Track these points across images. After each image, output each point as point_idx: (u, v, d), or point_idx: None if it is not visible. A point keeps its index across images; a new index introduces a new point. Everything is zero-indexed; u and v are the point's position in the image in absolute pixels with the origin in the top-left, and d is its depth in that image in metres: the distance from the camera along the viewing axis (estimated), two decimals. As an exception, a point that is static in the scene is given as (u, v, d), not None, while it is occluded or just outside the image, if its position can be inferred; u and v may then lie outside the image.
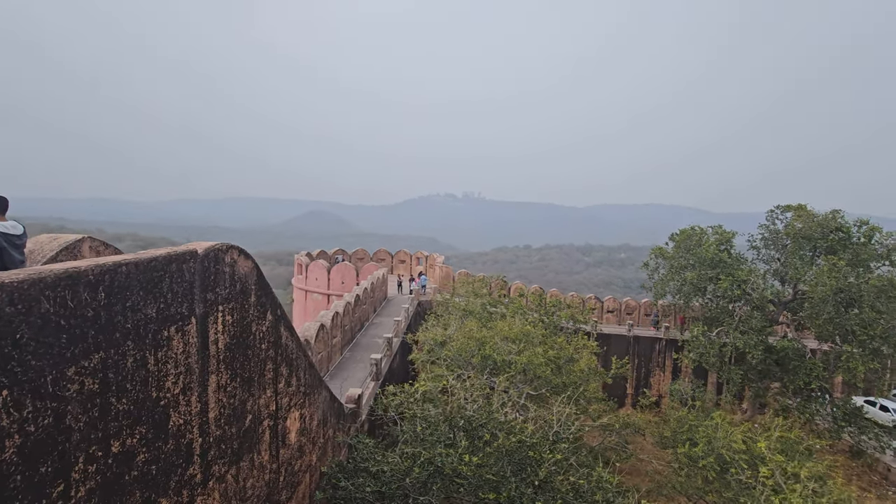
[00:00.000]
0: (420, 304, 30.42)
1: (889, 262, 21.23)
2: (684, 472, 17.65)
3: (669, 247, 27.29)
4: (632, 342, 32.76)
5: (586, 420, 12.93)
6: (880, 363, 21.01)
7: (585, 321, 24.12)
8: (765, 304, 23.54)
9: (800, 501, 7.50)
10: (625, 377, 32.73)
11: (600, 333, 32.57)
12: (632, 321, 34.85)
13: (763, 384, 24.52)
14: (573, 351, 15.73)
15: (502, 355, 13.03)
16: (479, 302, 21.89)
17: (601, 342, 32.42)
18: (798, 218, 23.48)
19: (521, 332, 14.29)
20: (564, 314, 22.28)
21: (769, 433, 17.49)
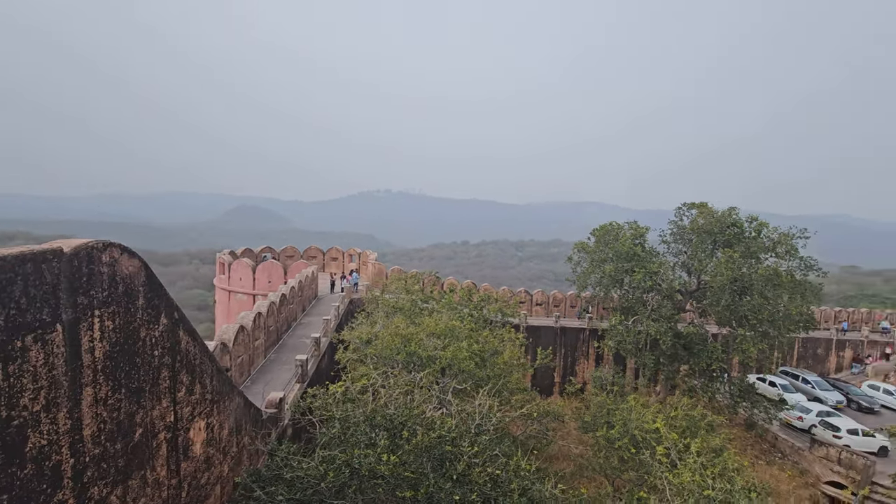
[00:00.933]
0: (352, 303, 29.84)
1: (774, 253, 23.87)
2: (603, 453, 18.78)
3: (591, 242, 28.77)
4: (558, 333, 34.26)
5: (508, 411, 13.31)
6: (768, 344, 23.60)
7: (513, 314, 24.84)
8: (673, 294, 25.55)
9: (689, 474, 8.21)
10: (552, 367, 34.20)
11: (529, 325, 33.80)
12: (559, 313, 36.48)
13: (673, 367, 26.64)
14: (498, 344, 16.14)
15: (427, 351, 13.07)
16: (409, 298, 21.83)
17: (530, 334, 33.67)
18: (701, 215, 25.75)
19: (447, 328, 14.42)
20: (493, 308, 22.80)
21: (676, 412, 19.06)
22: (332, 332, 22.29)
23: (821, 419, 25.74)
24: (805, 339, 33.91)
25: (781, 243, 23.73)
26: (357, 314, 22.77)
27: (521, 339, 20.94)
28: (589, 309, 35.76)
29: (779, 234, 24.22)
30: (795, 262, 23.73)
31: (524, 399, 15.44)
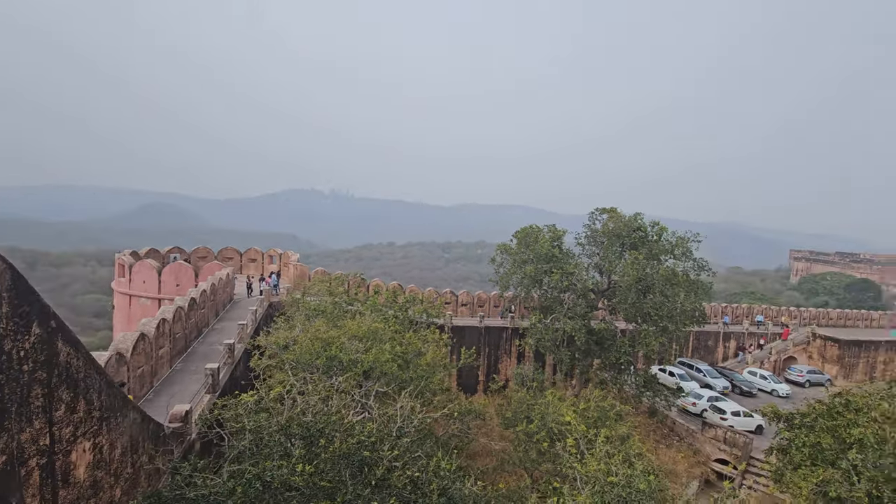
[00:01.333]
0: (271, 306, 28.42)
1: (673, 255, 26.36)
2: (522, 447, 19.52)
3: (513, 243, 29.84)
4: (483, 332, 35.10)
5: (431, 411, 13.40)
6: (668, 338, 25.94)
7: (438, 315, 25.07)
8: (587, 293, 27.24)
9: (595, 463, 8.82)
10: (477, 365, 34.98)
11: (455, 326, 34.30)
12: (483, 313, 37.40)
13: (587, 362, 28.39)
14: (421, 345, 16.19)
15: (349, 355, 12.78)
16: (333, 301, 21.24)
17: (455, 334, 34.16)
18: (611, 219, 27.74)
19: (370, 330, 14.21)
20: (418, 309, 22.86)
21: (589, 404, 20.31)
22: (248, 338, 21.08)
23: (710, 404, 28.74)
24: (698, 332, 37.74)
25: (679, 246, 26.25)
26: (276, 318, 21.74)
27: (445, 340, 21.18)
28: (512, 308, 37.05)
29: (676, 237, 26.77)
30: (690, 263, 26.35)
31: (446, 399, 15.62)
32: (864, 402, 12.05)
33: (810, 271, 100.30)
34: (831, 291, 77.51)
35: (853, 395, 12.53)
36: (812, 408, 12.83)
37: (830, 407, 12.37)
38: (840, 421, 11.75)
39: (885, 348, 38.44)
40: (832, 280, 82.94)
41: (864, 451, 10.71)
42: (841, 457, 11.27)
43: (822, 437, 11.65)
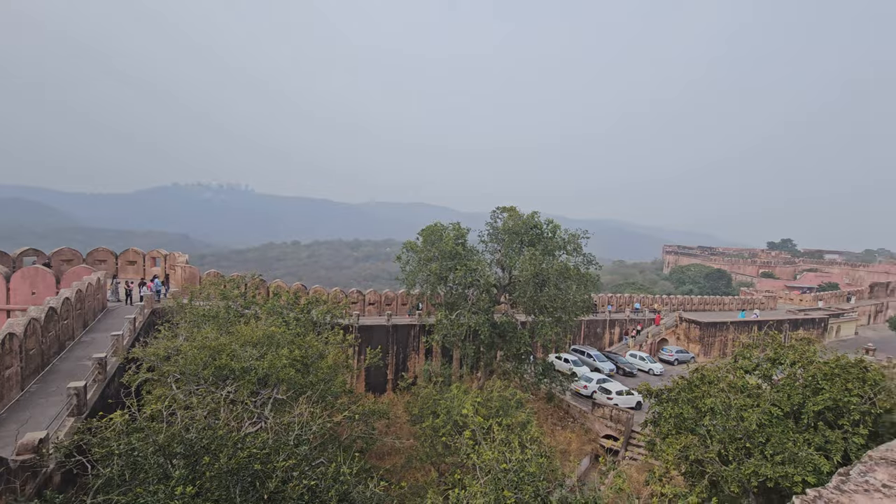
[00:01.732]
0: (154, 314, 25.62)
1: (565, 251, 28.50)
2: (429, 442, 19.82)
3: (419, 241, 30.11)
4: (391, 331, 34.99)
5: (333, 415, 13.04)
6: (562, 328, 27.98)
7: (343, 315, 24.48)
8: (490, 288, 28.40)
9: (489, 453, 9.27)
10: (386, 364, 34.78)
11: (362, 326, 33.78)
12: (391, 311, 37.28)
13: (491, 354, 29.63)
14: (323, 347, 15.69)
15: (241, 363, 11.95)
16: (226, 305, 19.73)
17: (363, 334, 33.66)
18: (510, 218, 29.22)
19: (266, 335, 13.41)
20: (321, 310, 22.10)
21: (492, 394, 21.20)
22: (124, 351, 18.78)
23: (599, 386, 31.58)
24: (588, 321, 41.27)
25: (570, 242, 28.43)
26: (160, 327, 19.66)
27: (350, 341, 20.75)
28: (419, 306, 37.37)
29: (568, 234, 28.96)
30: (580, 258, 28.67)
31: (350, 401, 15.31)
32: (715, 375, 14.11)
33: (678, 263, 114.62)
34: (695, 280, 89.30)
35: (707, 369, 14.61)
36: (676, 383, 14.71)
37: (690, 381, 14.29)
38: (697, 393, 13.62)
39: (733, 328, 45.22)
40: (695, 270, 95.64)
41: (716, 417, 12.52)
42: (699, 424, 13.04)
43: (684, 409, 13.42)
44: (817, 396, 11.60)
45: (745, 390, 13.09)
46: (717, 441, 12.09)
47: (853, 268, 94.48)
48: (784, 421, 11.73)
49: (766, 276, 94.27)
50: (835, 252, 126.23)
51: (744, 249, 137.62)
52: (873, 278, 73.96)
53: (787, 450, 10.62)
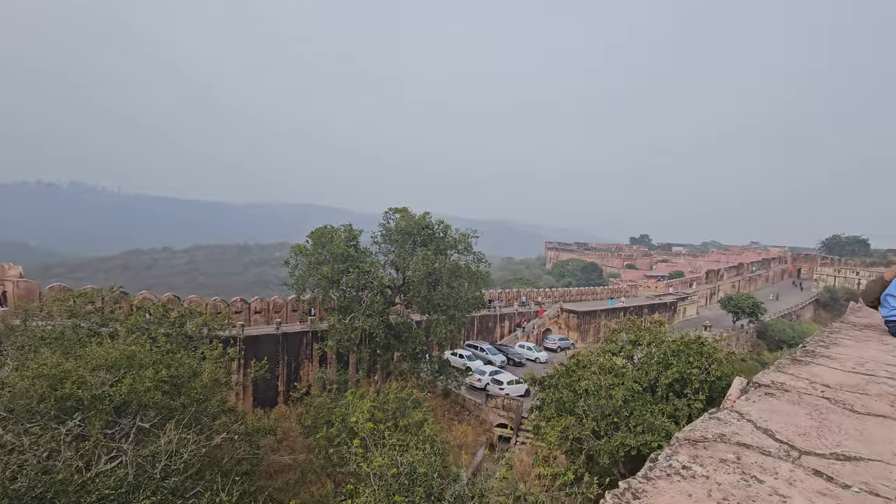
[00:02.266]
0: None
1: (457, 250, 29.40)
2: (323, 454, 19.05)
3: (308, 244, 28.83)
4: (281, 340, 33.02)
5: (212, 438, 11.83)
6: (455, 325, 28.80)
7: (224, 327, 22.47)
8: (384, 290, 28.19)
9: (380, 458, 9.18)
10: (277, 375, 32.72)
11: (247, 336, 31.39)
12: (280, 318, 35.17)
13: (387, 356, 29.42)
14: (197, 364, 14.18)
15: (93, 390, 10.27)
16: (73, 324, 16.90)
17: (249, 345, 31.27)
18: (402, 218, 29.31)
19: (124, 356, 11.71)
20: (196, 323, 20.02)
21: (387, 397, 21.04)
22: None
23: (491, 378, 33.11)
24: (481, 317, 43.11)
25: (461, 241, 29.38)
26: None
27: (232, 354, 19.12)
28: (311, 311, 35.78)
29: (459, 233, 29.90)
30: (471, 256, 29.77)
31: (231, 420, 14.07)
32: (588, 359, 15.64)
33: (559, 258, 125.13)
34: (573, 273, 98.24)
35: (582, 355, 16.14)
36: (556, 370, 16.01)
37: (568, 367, 15.65)
38: (574, 377, 14.96)
39: (604, 315, 50.59)
40: (573, 264, 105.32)
41: (589, 397, 13.87)
42: (576, 405, 14.32)
43: (563, 393, 14.65)
44: (668, 371, 13.46)
45: (613, 371, 14.70)
46: (592, 419, 13.40)
47: (694, 258, 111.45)
48: (643, 395, 13.41)
49: (629, 268, 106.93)
50: (680, 245, 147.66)
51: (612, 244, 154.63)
52: (708, 266, 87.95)
53: (646, 420, 12.16)
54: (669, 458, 1.20)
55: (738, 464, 1.15)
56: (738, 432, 1.33)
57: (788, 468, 1.09)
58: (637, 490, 1.08)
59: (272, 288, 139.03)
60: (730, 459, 1.17)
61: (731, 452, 1.21)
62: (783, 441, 1.26)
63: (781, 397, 1.62)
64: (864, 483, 1.02)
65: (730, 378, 13.77)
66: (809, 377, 1.88)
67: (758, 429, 1.35)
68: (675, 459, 1.18)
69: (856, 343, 2.78)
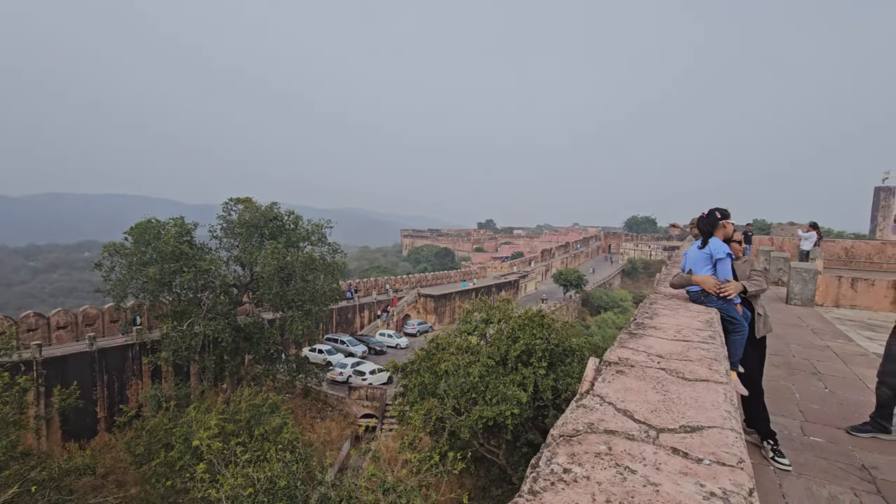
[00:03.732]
0: None
1: (310, 242, 27.89)
2: (162, 482, 16.59)
3: (128, 242, 24.45)
4: (97, 357, 27.73)
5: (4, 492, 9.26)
6: (312, 320, 27.44)
7: (8, 350, 17.85)
8: (229, 289, 25.45)
9: (232, 479, 8.27)
10: (94, 400, 27.47)
11: (50, 358, 25.72)
12: (94, 332, 29.37)
13: (237, 361, 26.74)
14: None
15: None
16: None
17: (52, 369, 25.63)
18: (246, 209, 26.66)
19: None
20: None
21: (238, 406, 19.18)
22: None
23: (353, 369, 32.59)
24: (339, 308, 41.95)
25: (314, 233, 27.95)
26: None
27: (23, 383, 15.27)
28: (137, 321, 30.64)
29: (312, 224, 28.40)
30: (326, 247, 28.55)
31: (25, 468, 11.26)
32: (446, 341, 16.35)
33: (414, 245, 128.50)
34: (428, 259, 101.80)
35: (440, 337, 16.79)
36: (417, 355, 16.39)
37: (428, 351, 16.14)
38: (434, 360, 15.50)
39: (459, 297, 53.67)
40: (427, 250, 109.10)
41: (449, 377, 14.52)
42: (437, 387, 14.86)
43: (425, 376, 15.08)
44: (516, 344, 14.80)
45: (469, 349, 15.61)
46: (452, 398, 14.05)
47: (531, 239, 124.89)
48: (496, 369, 14.53)
49: (478, 251, 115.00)
50: (520, 228, 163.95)
51: (462, 230, 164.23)
52: (543, 246, 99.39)
53: (500, 392, 13.22)
54: (550, 462, 1.20)
55: (610, 455, 1.20)
56: (604, 418, 1.41)
57: (652, 451, 1.19)
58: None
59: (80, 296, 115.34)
60: (603, 452, 1.22)
61: (603, 443, 1.27)
62: (641, 421, 1.38)
63: (629, 373, 1.81)
64: (712, 454, 1.16)
65: (566, 344, 15.77)
66: (646, 350, 2.15)
67: (618, 411, 1.46)
68: (556, 463, 1.18)
69: (670, 312, 3.33)
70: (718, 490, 1.08)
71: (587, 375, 1.92)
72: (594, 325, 49.74)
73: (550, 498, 1.01)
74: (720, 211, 4.17)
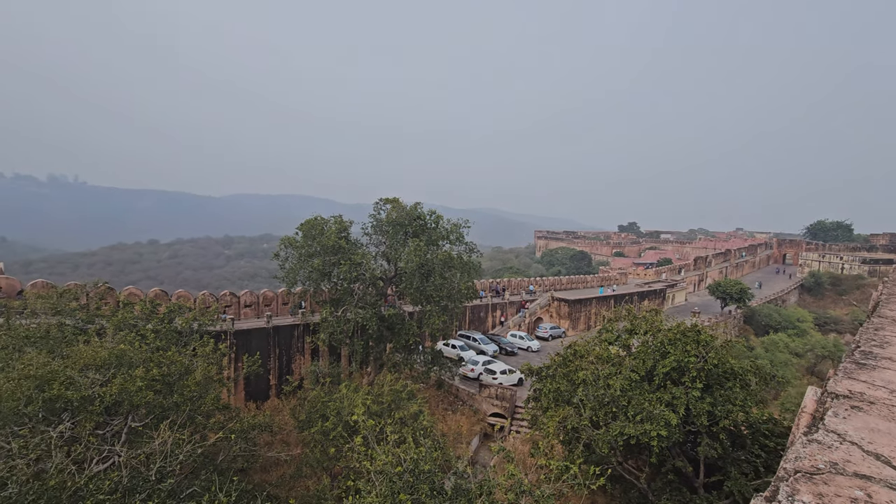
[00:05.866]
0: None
1: (448, 241, 29.14)
2: (319, 448, 18.92)
3: (298, 236, 28.37)
4: (272, 333, 32.68)
5: (207, 436, 11.60)
6: (448, 315, 28.67)
7: (213, 321, 22.08)
8: (376, 282, 27.92)
9: (383, 456, 9.03)
10: (269, 369, 32.44)
11: (238, 331, 30.98)
12: (270, 312, 34.75)
13: (380, 348, 29.25)
14: (189, 361, 13.86)
15: (81, 391, 9.94)
16: (57, 322, 16.41)
17: (239, 339, 30.89)
18: (394, 209, 28.92)
19: (113, 354, 11.35)
20: (185, 319, 19.60)
21: (381, 389, 20.91)
22: None
23: (485, 367, 33.17)
24: (473, 307, 43.11)
25: (453, 232, 29.12)
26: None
27: (223, 349, 18.78)
28: (302, 304, 35.39)
29: (451, 224, 29.64)
30: (463, 246, 29.55)
31: (226, 418, 13.81)
32: (585, 349, 15.65)
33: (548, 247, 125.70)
34: (562, 262, 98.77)
35: (578, 345, 16.14)
36: (553, 360, 16.01)
37: (564, 357, 15.66)
38: (571, 367, 14.97)
39: (595, 302, 51.00)
40: (562, 253, 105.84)
41: (587, 387, 13.88)
42: (573, 395, 14.33)
43: (560, 383, 14.66)
44: (665, 360, 13.49)
45: (610, 360, 14.73)
46: (590, 409, 13.41)
47: (682, 245, 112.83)
48: (641, 384, 13.44)
49: (618, 255, 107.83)
50: (668, 232, 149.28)
51: (600, 233, 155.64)
52: (696, 253, 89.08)
53: (644, 409, 12.20)
54: (793, 499, 1.04)
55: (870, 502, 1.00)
56: (850, 459, 1.19)
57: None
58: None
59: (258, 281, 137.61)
60: (860, 498, 1.02)
61: (857, 488, 1.06)
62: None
63: (870, 410, 1.49)
64: None
65: (726, 365, 13.87)
66: (884, 384, 1.76)
67: (868, 454, 1.21)
68: (800, 500, 1.02)
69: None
70: None
71: (806, 406, 1.64)
72: (759, 348, 42.98)
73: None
74: None
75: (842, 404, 1.61)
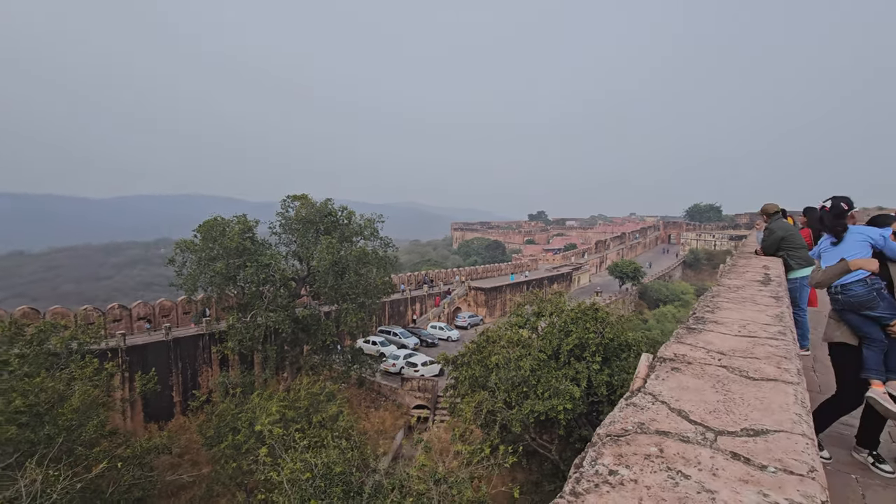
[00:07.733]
0: None
1: (362, 236, 28.63)
2: (231, 463, 17.76)
3: (197, 239, 26.21)
4: (172, 346, 30.00)
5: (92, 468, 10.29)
6: (366, 312, 28.23)
7: (96, 339, 19.69)
8: (288, 283, 26.68)
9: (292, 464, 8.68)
10: (170, 386, 29.79)
11: (132, 346, 28.08)
12: (169, 323, 31.84)
13: (296, 351, 28.07)
14: (64, 387, 12.19)
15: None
16: None
17: (135, 356, 27.97)
18: (303, 206, 27.75)
19: (-39, 389, 9.60)
20: (61, 339, 17.24)
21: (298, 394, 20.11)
22: None
23: (406, 361, 33.22)
24: (391, 301, 42.86)
25: (367, 227, 28.65)
26: None
27: (110, 369, 16.82)
28: (206, 312, 32.85)
29: (364, 219, 29.12)
30: (378, 241, 29.20)
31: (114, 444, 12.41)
32: (497, 334, 16.29)
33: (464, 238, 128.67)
34: (478, 252, 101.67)
35: (490, 331, 16.75)
36: (467, 348, 16.46)
37: (478, 344, 16.17)
38: (485, 353, 15.50)
39: (509, 289, 53.21)
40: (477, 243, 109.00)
41: (500, 371, 14.46)
42: (488, 380, 14.86)
43: (475, 369, 15.13)
44: (568, 338, 14.49)
45: (520, 343, 15.46)
46: (503, 391, 14.01)
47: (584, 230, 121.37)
48: (548, 363, 14.31)
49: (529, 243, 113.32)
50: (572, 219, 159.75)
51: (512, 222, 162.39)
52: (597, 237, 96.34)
53: (552, 386, 13.02)
54: (595, 463, 1.13)
55: (661, 457, 1.12)
56: (655, 418, 1.32)
57: (709, 455, 1.09)
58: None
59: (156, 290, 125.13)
60: (653, 454, 1.13)
61: (653, 444, 1.18)
62: (698, 422, 1.27)
63: (686, 371, 1.68)
64: (778, 461, 1.05)
65: (621, 338, 15.22)
66: (705, 345, 2.00)
67: (672, 411, 1.36)
68: (601, 463, 1.12)
69: (735, 305, 3.09)
70: (784, 501, 0.97)
71: (639, 372, 1.81)
72: (652, 320, 47.72)
73: (594, 500, 0.95)
74: (845, 201, 3.75)
75: (665, 367, 1.80)
